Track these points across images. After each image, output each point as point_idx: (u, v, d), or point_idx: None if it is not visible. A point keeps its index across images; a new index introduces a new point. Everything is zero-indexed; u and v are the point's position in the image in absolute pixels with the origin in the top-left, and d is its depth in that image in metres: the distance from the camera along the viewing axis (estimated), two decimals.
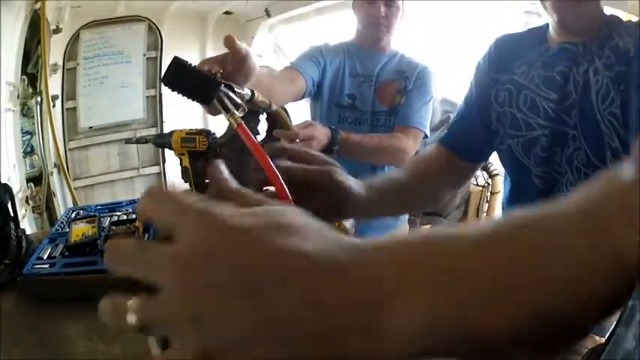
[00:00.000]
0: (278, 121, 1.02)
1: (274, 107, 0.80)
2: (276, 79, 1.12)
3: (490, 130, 0.82)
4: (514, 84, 0.78)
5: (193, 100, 0.56)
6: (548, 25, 0.77)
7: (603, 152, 0.68)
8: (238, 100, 0.61)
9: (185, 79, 0.54)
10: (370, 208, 0.60)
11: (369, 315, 0.19)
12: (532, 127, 0.76)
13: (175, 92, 0.55)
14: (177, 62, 0.54)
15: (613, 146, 0.67)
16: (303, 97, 1.29)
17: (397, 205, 0.78)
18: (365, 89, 1.34)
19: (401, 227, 1.49)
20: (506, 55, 0.81)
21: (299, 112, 1.46)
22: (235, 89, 0.63)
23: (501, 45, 0.83)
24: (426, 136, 1.35)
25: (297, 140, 1.02)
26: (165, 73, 0.55)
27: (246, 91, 0.68)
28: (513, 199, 0.85)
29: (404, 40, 1.47)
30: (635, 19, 0.71)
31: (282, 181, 0.45)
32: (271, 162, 0.47)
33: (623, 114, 0.65)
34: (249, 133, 0.50)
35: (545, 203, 0.23)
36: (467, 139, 0.84)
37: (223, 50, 0.62)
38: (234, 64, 0.62)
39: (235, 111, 0.54)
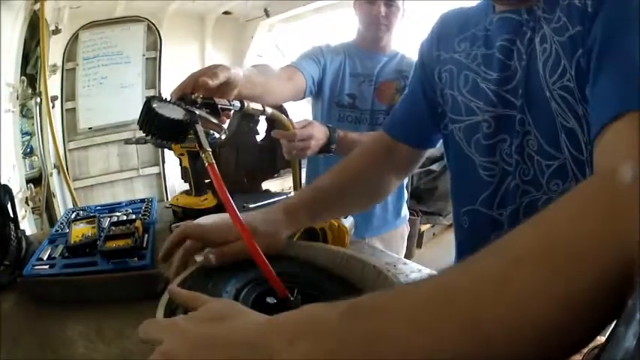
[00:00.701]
0: (277, 122, 1.02)
1: (269, 111, 0.80)
2: (272, 77, 1.12)
3: (437, 112, 0.74)
4: (455, 63, 0.69)
5: (168, 142, 0.54)
6: None
7: (556, 135, 0.57)
8: (216, 122, 0.61)
9: (157, 123, 0.52)
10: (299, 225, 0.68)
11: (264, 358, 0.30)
12: (472, 112, 0.66)
13: (150, 136, 0.53)
14: (147, 107, 0.52)
15: (567, 127, 0.56)
16: (304, 96, 1.29)
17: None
18: (365, 89, 1.34)
19: (401, 227, 1.49)
20: (449, 31, 0.71)
21: (300, 112, 1.46)
22: (219, 105, 0.62)
23: (446, 20, 0.74)
24: None
25: (296, 140, 1.02)
26: (139, 118, 0.53)
27: (235, 104, 0.68)
28: (460, 191, 0.76)
29: (404, 40, 1.47)
30: None
31: (241, 220, 0.50)
32: (233, 205, 0.49)
33: (580, 86, 0.52)
34: (219, 175, 0.50)
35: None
36: (411, 123, 0.78)
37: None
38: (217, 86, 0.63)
39: (208, 148, 0.53)
